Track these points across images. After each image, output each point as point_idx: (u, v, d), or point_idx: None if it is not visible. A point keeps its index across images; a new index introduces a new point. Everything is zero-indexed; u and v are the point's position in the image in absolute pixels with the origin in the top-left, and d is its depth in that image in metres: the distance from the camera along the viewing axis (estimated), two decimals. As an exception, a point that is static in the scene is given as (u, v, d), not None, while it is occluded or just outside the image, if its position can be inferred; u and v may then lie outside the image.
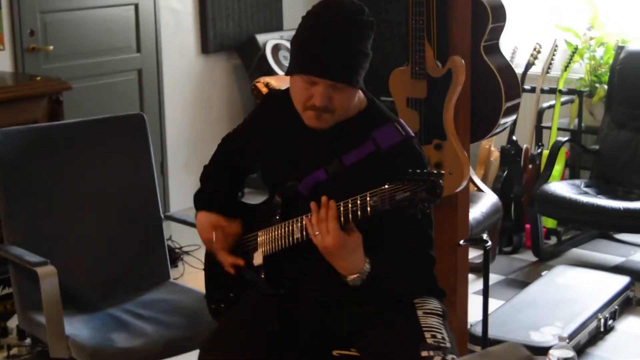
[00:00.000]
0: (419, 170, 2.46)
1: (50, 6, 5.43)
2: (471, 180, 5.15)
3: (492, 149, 5.89)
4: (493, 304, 4.82)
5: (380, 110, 2.86)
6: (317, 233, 2.60)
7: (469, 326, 4.15)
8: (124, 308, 3.54)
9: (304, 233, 2.68)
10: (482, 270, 3.84)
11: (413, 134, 2.83)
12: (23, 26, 5.27)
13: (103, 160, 3.66)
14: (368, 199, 2.49)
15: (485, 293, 3.78)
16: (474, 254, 5.44)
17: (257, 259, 2.91)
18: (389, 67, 3.78)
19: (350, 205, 2.56)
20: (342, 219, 2.58)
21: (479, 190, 5.21)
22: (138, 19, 5.91)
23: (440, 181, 2.44)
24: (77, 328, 3.33)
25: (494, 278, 5.29)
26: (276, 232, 2.82)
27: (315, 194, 2.74)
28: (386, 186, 2.47)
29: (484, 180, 5.74)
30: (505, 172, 5.69)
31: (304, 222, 2.68)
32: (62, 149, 3.59)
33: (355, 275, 2.63)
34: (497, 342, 4.07)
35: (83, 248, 3.59)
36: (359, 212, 2.53)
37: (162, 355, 3.27)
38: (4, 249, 3.41)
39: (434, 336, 2.70)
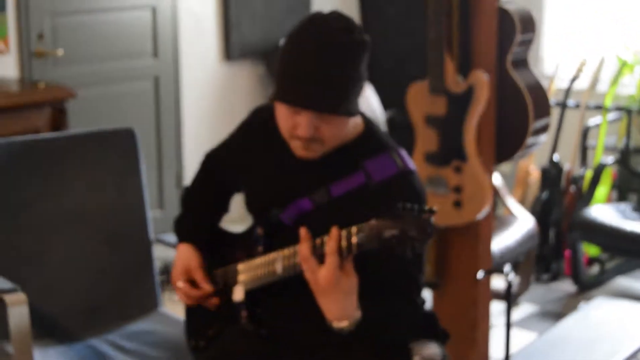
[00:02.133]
0: (409, 205, 2.17)
1: (60, 8, 5.11)
2: (504, 203, 4.84)
3: (532, 168, 5.55)
4: (526, 336, 4.52)
5: (378, 137, 2.57)
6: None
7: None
8: (106, 339, 3.25)
9: (286, 268, 2.42)
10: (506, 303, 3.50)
11: (413, 167, 2.53)
12: (31, 28, 4.98)
13: (88, 178, 3.36)
14: (354, 234, 2.22)
15: (508, 329, 3.45)
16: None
17: (238, 294, 2.64)
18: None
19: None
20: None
21: (511, 213, 4.88)
22: (155, 22, 5.56)
23: (432, 219, 2.15)
24: (49, 362, 3.05)
25: (528, 308, 4.97)
26: (257, 266, 2.56)
27: (299, 224, 2.45)
28: (373, 221, 2.19)
29: (522, 202, 5.43)
30: (545, 194, 5.35)
31: (286, 257, 2.42)
32: (43, 165, 3.30)
33: (344, 323, 2.34)
34: (522, 384, 3.76)
35: (63, 272, 3.29)
36: (344, 249, 2.25)
37: (140, 396, 2.97)
38: (-29, 272, 3.12)
39: None
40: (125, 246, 3.40)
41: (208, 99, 5.95)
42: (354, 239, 2.22)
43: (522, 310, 4.93)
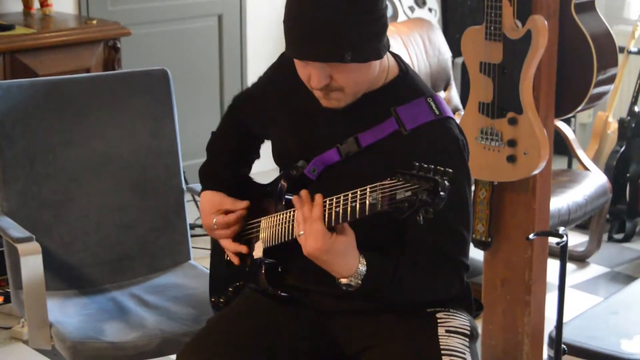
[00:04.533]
0: (425, 165, 1.98)
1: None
2: (577, 156, 4.59)
3: (610, 120, 5.24)
4: (590, 300, 4.26)
5: (413, 82, 2.38)
6: (301, 233, 2.19)
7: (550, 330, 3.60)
8: (130, 292, 3.14)
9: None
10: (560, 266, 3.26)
11: (450, 114, 2.34)
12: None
13: (118, 121, 3.22)
14: (368, 194, 2.04)
15: (561, 293, 3.21)
16: (579, 240, 4.85)
17: (258, 250, 2.50)
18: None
19: (342, 202, 2.12)
20: (332, 218, 2.14)
21: (585, 168, 4.62)
22: (219, -46, 5.39)
23: (446, 182, 1.95)
24: (67, 314, 2.94)
25: (597, 270, 4.72)
26: (277, 223, 2.41)
27: (325, 177, 2.34)
28: (387, 181, 2.00)
29: (597, 156, 5.15)
30: (623, 148, 5.06)
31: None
32: (71, 108, 3.17)
33: (348, 279, 2.20)
34: (578, 349, 3.52)
35: (89, 221, 3.17)
36: (348, 211, 2.10)
37: (155, 354, 2.83)
38: (-10, 218, 3.01)
39: None
40: (157, 194, 3.27)
41: (274, 37, 5.70)
42: (368, 200, 2.04)
43: (590, 271, 4.68)
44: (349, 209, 2.08)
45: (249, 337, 2.39)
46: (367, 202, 2.03)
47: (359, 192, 2.06)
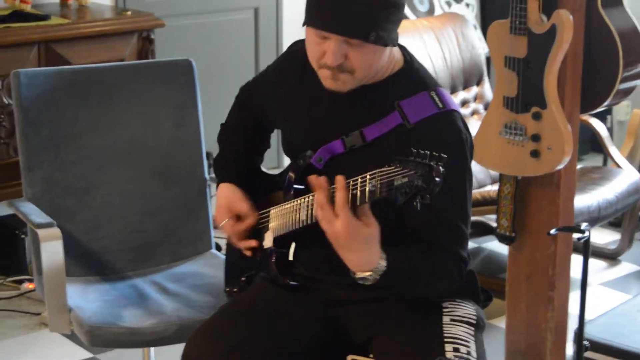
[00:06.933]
0: (422, 152, 1.99)
1: None
2: (609, 153, 4.55)
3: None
4: (622, 298, 4.23)
5: (417, 74, 2.39)
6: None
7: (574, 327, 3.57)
8: (152, 279, 3.17)
9: (309, 215, 2.29)
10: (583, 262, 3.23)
11: (455, 107, 2.35)
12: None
13: (142, 110, 3.25)
14: (367, 182, 2.06)
15: (583, 289, 3.18)
16: (611, 238, 4.81)
17: (268, 240, 2.53)
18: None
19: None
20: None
21: (617, 166, 4.58)
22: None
23: (441, 168, 1.96)
24: (87, 300, 2.98)
25: (628, 268, 4.69)
26: (286, 213, 2.42)
27: (330, 168, 2.34)
28: (385, 168, 2.03)
29: (633, 152, 5.07)
30: (658, 145, 4.99)
31: (310, 203, 2.29)
32: (96, 96, 3.20)
33: (367, 273, 2.19)
34: (603, 346, 3.52)
35: (113, 208, 3.20)
36: (349, 199, 2.11)
37: (172, 340, 2.86)
38: (14, 204, 3.04)
39: (456, 349, 2.29)
40: (180, 183, 3.29)
41: (311, 33, 5.72)
42: (367, 187, 2.05)
43: (621, 269, 4.64)
44: (350, 196, 2.09)
45: (257, 325, 2.41)
46: (367, 189, 2.05)
47: (359, 180, 2.08)
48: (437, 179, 1.94)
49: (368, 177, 2.05)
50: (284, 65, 2.56)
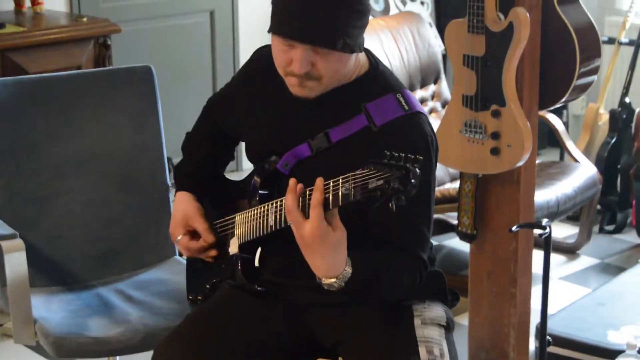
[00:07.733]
0: (396, 154, 1.99)
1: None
2: (566, 148, 4.59)
3: (601, 111, 5.24)
4: (581, 292, 4.27)
5: (381, 78, 2.39)
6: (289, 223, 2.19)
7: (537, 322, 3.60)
8: (115, 287, 3.16)
9: (278, 220, 2.28)
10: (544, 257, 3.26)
11: (421, 109, 2.35)
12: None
13: (103, 118, 3.23)
14: (341, 184, 2.05)
15: (545, 284, 3.21)
16: (569, 232, 4.85)
17: (233, 246, 2.52)
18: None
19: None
20: (306, 210, 2.13)
21: (574, 160, 4.62)
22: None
23: (417, 169, 1.97)
24: (52, 310, 2.96)
25: (587, 262, 4.73)
26: (252, 218, 2.42)
27: (296, 172, 2.34)
28: (359, 171, 2.02)
29: (589, 147, 5.15)
30: (614, 139, 5.06)
31: (278, 208, 2.28)
32: (55, 104, 3.18)
33: (332, 280, 2.17)
34: (564, 340, 3.55)
35: (75, 216, 3.19)
36: (330, 200, 2.08)
37: (138, 348, 2.85)
38: (-25, 214, 3.02)
39: (430, 351, 2.31)
40: (141, 189, 3.28)
41: (268, 35, 5.71)
42: (341, 190, 2.04)
43: (580, 263, 4.69)
44: (330, 198, 2.08)
45: (226, 331, 2.41)
46: (340, 192, 2.04)
47: (331, 183, 2.07)
48: (413, 180, 1.94)
49: (341, 180, 2.04)
50: (248, 71, 2.55)
